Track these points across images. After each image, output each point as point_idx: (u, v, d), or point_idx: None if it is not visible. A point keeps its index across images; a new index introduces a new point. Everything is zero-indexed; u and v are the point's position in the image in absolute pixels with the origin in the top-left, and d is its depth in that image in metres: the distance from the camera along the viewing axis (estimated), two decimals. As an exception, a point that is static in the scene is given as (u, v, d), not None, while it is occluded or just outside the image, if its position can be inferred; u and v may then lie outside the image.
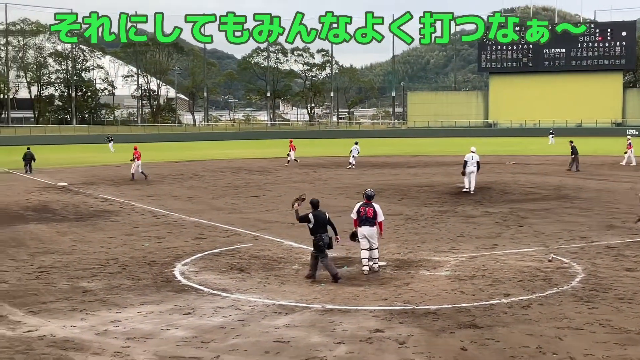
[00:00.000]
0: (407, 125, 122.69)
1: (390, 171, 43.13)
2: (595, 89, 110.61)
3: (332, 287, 14.09)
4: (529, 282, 14.30)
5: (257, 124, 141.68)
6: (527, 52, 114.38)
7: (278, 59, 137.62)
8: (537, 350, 10.09)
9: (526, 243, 18.83)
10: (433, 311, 12.20)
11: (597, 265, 15.77)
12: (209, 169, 45.83)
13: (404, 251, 17.79)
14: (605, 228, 21.14)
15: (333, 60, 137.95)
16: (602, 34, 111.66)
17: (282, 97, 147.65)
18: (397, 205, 26.83)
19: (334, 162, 50.95)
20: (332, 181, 37.13)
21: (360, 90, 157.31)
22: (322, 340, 10.67)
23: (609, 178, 36.81)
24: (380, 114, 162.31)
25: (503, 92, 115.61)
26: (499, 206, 26.53)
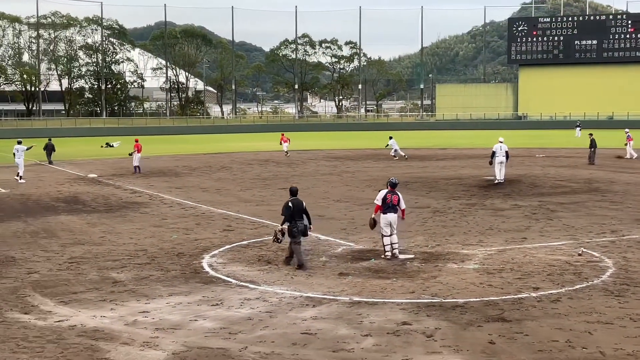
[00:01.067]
0: (435, 117, 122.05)
1: (418, 164, 42.96)
2: (627, 81, 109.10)
3: (359, 279, 14.08)
4: (559, 275, 14.17)
5: (284, 116, 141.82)
6: (558, 43, 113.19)
7: (306, 52, 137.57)
8: (566, 344, 10.00)
9: (556, 237, 18.66)
10: (461, 304, 12.14)
11: (628, 260, 15.59)
12: (237, 161, 46.00)
13: (431, 244, 17.73)
14: (636, 222, 20.88)
15: (361, 53, 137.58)
16: (634, 25, 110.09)
17: (309, 89, 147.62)
18: (425, 198, 26.72)
19: (362, 155, 50.86)
20: (359, 174, 37.07)
21: (389, 82, 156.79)
22: (350, 332, 10.67)
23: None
24: (409, 107, 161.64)
25: (533, 84, 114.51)
26: (528, 199, 26.32)
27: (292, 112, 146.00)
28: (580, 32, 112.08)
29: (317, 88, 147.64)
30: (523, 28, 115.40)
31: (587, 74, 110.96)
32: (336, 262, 15.73)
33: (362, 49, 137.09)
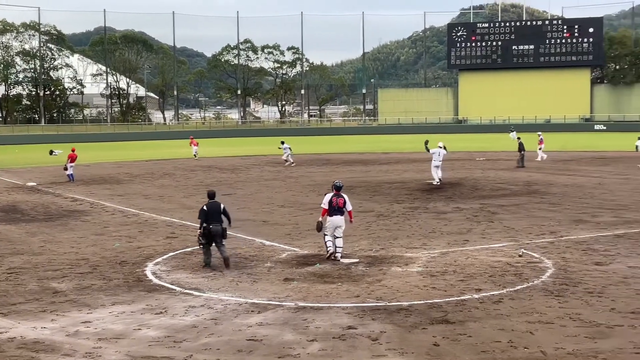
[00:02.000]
0: (378, 122, 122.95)
1: (361, 168, 43.23)
2: (564, 85, 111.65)
3: (304, 284, 14.09)
4: (500, 277, 14.41)
5: (227, 122, 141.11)
6: (496, 48, 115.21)
7: (248, 57, 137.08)
8: (508, 344, 10.17)
9: (497, 238, 18.98)
10: (405, 307, 12.25)
11: (567, 260, 15.95)
12: (180, 168, 45.58)
13: (376, 248, 17.84)
14: (574, 223, 21.37)
15: (303, 58, 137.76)
16: (569, 31, 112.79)
17: (252, 95, 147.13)
18: (368, 202, 26.90)
19: (306, 160, 50.92)
20: (303, 179, 37.11)
21: (331, 87, 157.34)
22: (295, 337, 10.67)
23: (577, 173, 37.22)
24: (351, 111, 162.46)
25: (473, 88, 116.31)
26: (469, 202, 26.71)
27: (235, 117, 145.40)
28: (518, 37, 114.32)
29: (259, 93, 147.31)
30: (462, 33, 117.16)
31: (525, 78, 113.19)
32: (281, 268, 15.71)
33: (305, 54, 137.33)
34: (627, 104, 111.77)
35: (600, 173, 36.94)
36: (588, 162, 44.51)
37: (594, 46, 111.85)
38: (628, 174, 36.04)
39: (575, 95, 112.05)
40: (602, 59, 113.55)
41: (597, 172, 37.33)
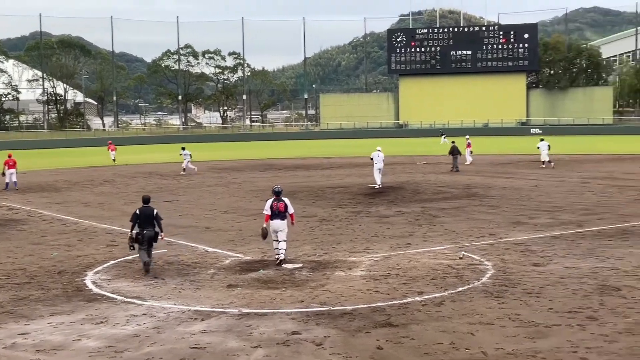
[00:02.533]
0: (320, 127, 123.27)
1: (304, 173, 43.29)
2: (501, 90, 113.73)
3: (248, 290, 14.04)
4: (442, 279, 14.60)
5: (168, 127, 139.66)
6: (435, 54, 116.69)
7: (189, 62, 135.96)
8: (450, 346, 10.31)
9: (438, 241, 19.22)
10: (349, 311, 12.31)
11: (506, 261, 16.25)
12: (120, 175, 44.93)
13: (319, 253, 17.89)
14: (512, 225, 21.79)
15: (245, 63, 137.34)
16: (505, 36, 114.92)
17: (194, 100, 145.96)
18: (311, 207, 26.95)
19: (249, 165, 50.76)
20: (246, 184, 36.98)
21: (273, 92, 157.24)
22: (239, 344, 10.62)
23: (514, 176, 37.95)
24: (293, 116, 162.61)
25: (413, 93, 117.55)
26: (411, 206, 26.99)
27: (176, 123, 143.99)
28: (456, 42, 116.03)
29: (201, 99, 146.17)
30: (402, 39, 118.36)
31: (463, 83, 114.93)
32: (224, 274, 15.62)
33: (246, 59, 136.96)
34: (562, 108, 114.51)
35: (536, 176, 37.74)
36: (525, 165, 45.42)
37: (529, 51, 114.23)
38: (563, 177, 36.92)
39: (511, 99, 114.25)
40: (537, 64, 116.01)
41: (534, 175, 38.13)
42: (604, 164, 44.20)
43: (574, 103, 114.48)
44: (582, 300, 12.78)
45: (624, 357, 9.72)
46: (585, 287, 13.68)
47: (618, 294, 13.18)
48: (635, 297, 12.92)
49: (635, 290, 13.37)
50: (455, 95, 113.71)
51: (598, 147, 63.27)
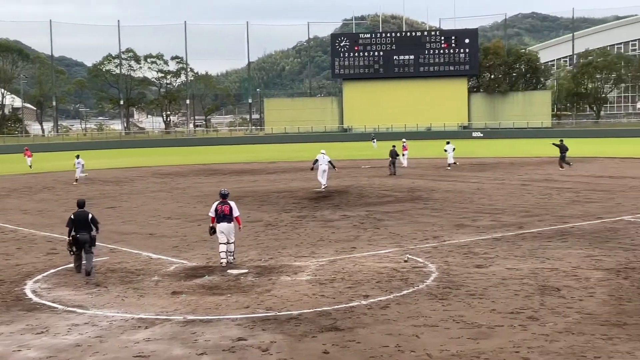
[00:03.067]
0: (264, 131, 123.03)
1: (249, 178, 43.14)
2: (443, 94, 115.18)
3: (193, 297, 13.92)
4: (387, 282, 14.71)
5: (110, 133, 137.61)
6: (378, 58, 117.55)
7: (131, 67, 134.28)
8: (396, 349, 10.39)
9: (383, 245, 19.36)
10: (295, 316, 12.31)
11: (450, 264, 16.46)
12: (60, 181, 44.06)
13: (265, 258, 17.84)
14: (455, 227, 22.08)
15: (188, 67, 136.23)
16: (447, 41, 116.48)
17: (136, 105, 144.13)
18: (256, 212, 26.87)
19: (193, 170, 50.35)
20: (191, 190, 36.67)
21: (217, 97, 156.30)
22: (184, 352, 10.52)
23: (457, 179, 38.46)
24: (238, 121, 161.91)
25: (356, 97, 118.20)
26: (356, 210, 27.13)
27: (118, 128, 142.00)
28: (399, 47, 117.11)
29: (143, 104, 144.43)
30: (345, 43, 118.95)
31: (406, 87, 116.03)
32: (169, 281, 15.46)
33: (189, 63, 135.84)
34: (502, 111, 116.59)
35: (478, 179, 38.32)
36: (467, 168, 46.08)
37: (470, 56, 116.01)
38: (504, 179, 37.57)
39: (453, 103, 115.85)
40: (478, 68, 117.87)
41: (476, 178, 38.71)
42: (542, 167, 45.12)
43: (514, 107, 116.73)
44: (524, 300, 13.02)
45: (565, 356, 9.93)
46: (526, 288, 13.94)
47: (558, 294, 13.47)
48: (574, 296, 13.22)
49: (574, 290, 13.68)
50: (399, 100, 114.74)
51: (537, 150, 64.58)
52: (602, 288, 13.82)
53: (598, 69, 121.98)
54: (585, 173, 39.83)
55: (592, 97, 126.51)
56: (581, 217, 23.44)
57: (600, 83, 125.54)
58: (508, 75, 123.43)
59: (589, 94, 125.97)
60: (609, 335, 10.79)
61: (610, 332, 10.99)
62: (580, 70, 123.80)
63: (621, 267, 15.69)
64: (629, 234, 20.00)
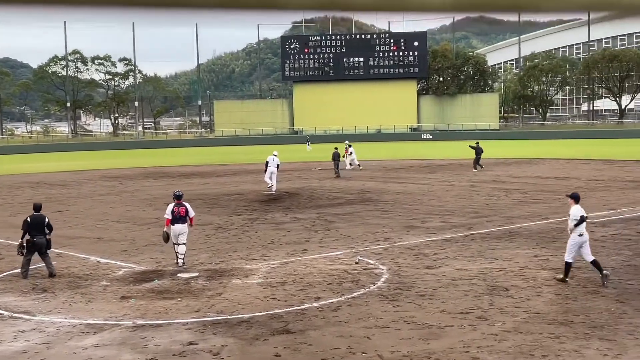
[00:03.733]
0: (214, 134, 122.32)
1: (199, 181, 42.81)
2: (393, 96, 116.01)
3: (143, 301, 13.76)
4: (338, 284, 14.75)
5: (57, 135, 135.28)
6: (328, 60, 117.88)
7: (78, 68, 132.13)
8: (347, 350, 10.42)
9: (334, 247, 19.41)
10: (246, 319, 12.26)
11: (400, 265, 16.57)
12: (5, 185, 43.13)
13: (215, 261, 17.74)
14: (405, 229, 22.26)
15: (136, 69, 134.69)
16: (396, 44, 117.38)
17: (83, 107, 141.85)
18: (207, 215, 26.69)
19: (142, 173, 49.77)
20: (139, 193, 36.25)
21: (166, 99, 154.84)
22: (134, 357, 10.40)
23: (407, 181, 38.77)
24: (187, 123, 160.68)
25: (307, 100, 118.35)
26: (307, 212, 27.15)
27: (65, 131, 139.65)
28: (348, 50, 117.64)
29: (91, 106, 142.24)
30: (295, 46, 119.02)
31: (356, 89, 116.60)
32: (118, 286, 15.26)
33: (137, 65, 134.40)
34: (451, 114, 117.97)
35: (428, 180, 38.68)
36: (417, 169, 46.49)
37: (419, 59, 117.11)
38: (453, 181, 38.00)
39: (403, 106, 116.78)
40: (427, 71, 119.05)
41: (426, 180, 39.06)
42: (490, 168, 45.75)
43: (462, 109, 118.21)
44: (473, 300, 13.18)
45: (513, 355, 10.08)
46: (475, 288, 14.12)
47: (506, 293, 13.67)
48: (522, 296, 13.44)
49: (522, 290, 13.90)
50: (349, 102, 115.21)
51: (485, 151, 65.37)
52: (549, 287, 14.07)
53: (544, 71, 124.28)
54: (532, 174, 40.53)
55: (538, 99, 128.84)
56: (528, 218, 23.84)
57: (546, 85, 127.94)
58: (456, 77, 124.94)
59: (535, 96, 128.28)
60: (556, 334, 10.99)
61: (557, 330, 11.20)
62: (526, 73, 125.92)
63: (567, 266, 15.99)
64: (574, 234, 20.39)
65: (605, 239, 19.40)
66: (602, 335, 10.88)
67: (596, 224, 22.16)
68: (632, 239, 19.42)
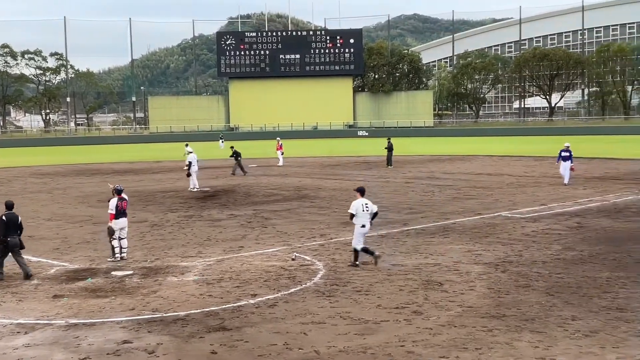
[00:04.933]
0: (149, 130, 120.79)
1: (133, 177, 42.20)
2: (329, 93, 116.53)
3: (75, 300, 13.51)
4: (275, 281, 14.74)
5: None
6: (265, 57, 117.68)
7: (7, 63, 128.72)
8: (284, 347, 10.44)
9: (271, 243, 19.39)
10: (182, 317, 12.16)
11: (337, 261, 16.67)
12: None
13: (150, 258, 17.54)
14: (342, 225, 22.36)
15: (68, 64, 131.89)
16: (332, 41, 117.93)
17: (12, 103, 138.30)
18: (141, 212, 26.33)
19: (74, 170, 48.82)
20: (72, 190, 35.54)
21: (99, 95, 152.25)
22: (66, 357, 10.20)
23: (343, 177, 38.97)
24: (121, 120, 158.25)
25: (243, 96, 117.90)
26: (243, 209, 27.05)
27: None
28: (285, 46, 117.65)
29: (21, 101, 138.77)
30: (231, 42, 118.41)
31: (292, 86, 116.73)
32: (49, 284, 14.94)
33: (69, 60, 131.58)
34: (386, 111, 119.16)
35: (364, 177, 38.96)
36: (353, 166, 46.79)
37: (355, 56, 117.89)
38: (389, 177, 38.38)
39: (339, 103, 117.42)
40: (363, 68, 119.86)
41: (361, 176, 39.34)
42: (425, 165, 46.40)
43: (398, 106, 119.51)
44: (408, 295, 13.35)
45: (447, 349, 10.24)
46: (410, 283, 14.30)
47: (441, 288, 13.88)
48: (456, 290, 13.67)
49: (456, 284, 14.13)
50: (285, 99, 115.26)
51: (420, 148, 66.36)
52: (481, 282, 14.35)
53: (476, 69, 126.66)
54: (465, 171, 41.23)
55: (471, 97, 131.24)
56: (462, 214, 24.25)
57: (479, 83, 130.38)
58: (392, 75, 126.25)
59: (469, 94, 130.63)
60: (488, 327, 11.21)
61: (490, 323, 11.43)
62: (460, 71, 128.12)
63: (499, 261, 16.35)
64: (506, 229, 20.85)
65: (535, 234, 19.87)
66: (533, 328, 11.15)
67: (527, 219, 22.71)
68: (562, 233, 19.94)
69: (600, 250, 17.33)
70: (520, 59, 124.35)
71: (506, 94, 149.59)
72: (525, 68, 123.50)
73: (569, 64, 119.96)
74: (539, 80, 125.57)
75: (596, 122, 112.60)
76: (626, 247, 17.73)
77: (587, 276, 14.63)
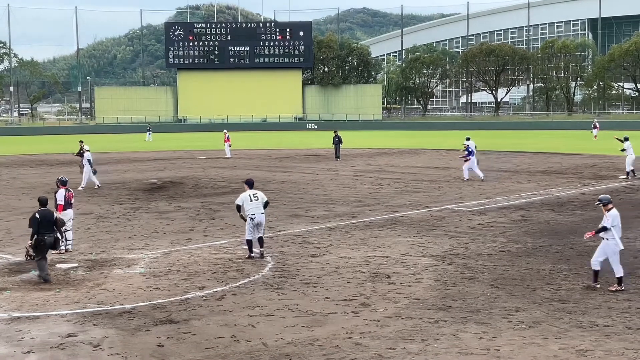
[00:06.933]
0: (95, 121, 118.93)
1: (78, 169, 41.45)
2: (278, 86, 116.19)
3: (18, 293, 13.25)
4: (223, 273, 14.70)
5: None
6: (214, 48, 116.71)
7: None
8: (232, 339, 10.41)
9: (219, 236, 19.31)
10: (128, 310, 12.03)
11: (285, 254, 16.68)
12: None
13: (96, 251, 17.30)
14: (290, 217, 22.39)
15: (11, 53, 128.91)
16: (282, 34, 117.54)
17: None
18: (87, 204, 25.94)
19: (18, 161, 47.81)
20: (15, 181, 34.81)
21: (44, 84, 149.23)
22: (9, 351, 10.02)
23: (292, 170, 38.98)
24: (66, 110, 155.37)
25: (192, 87, 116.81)
26: (191, 201, 26.86)
27: None
28: (234, 38, 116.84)
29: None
30: (180, 33, 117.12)
31: (242, 78, 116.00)
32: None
33: (13, 49, 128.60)
34: (335, 104, 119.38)
35: (313, 170, 39.03)
36: (302, 159, 46.81)
37: (305, 49, 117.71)
38: (337, 170, 38.51)
39: (288, 95, 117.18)
40: (312, 61, 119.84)
41: (310, 169, 39.40)
42: (374, 158, 46.67)
43: (347, 99, 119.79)
44: (356, 288, 13.43)
45: (394, 340, 10.35)
46: (358, 276, 14.39)
47: (388, 280, 14.00)
48: (403, 282, 13.80)
49: (403, 277, 14.27)
50: (234, 90, 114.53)
51: (369, 141, 66.71)
52: (428, 274, 14.52)
53: (425, 64, 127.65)
54: (413, 164, 41.60)
55: (419, 91, 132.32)
56: (409, 207, 24.47)
57: (427, 78, 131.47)
58: (341, 68, 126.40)
59: (417, 88, 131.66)
60: (435, 319, 11.36)
61: (437, 315, 11.58)
62: (408, 65, 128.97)
63: (446, 253, 16.56)
64: (452, 222, 21.12)
65: (481, 227, 20.17)
66: (478, 319, 11.33)
67: (473, 212, 23.03)
68: (507, 226, 20.29)
69: (544, 243, 17.69)
70: (468, 54, 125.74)
71: (454, 89, 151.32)
72: (472, 63, 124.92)
73: (514, 59, 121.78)
74: (486, 76, 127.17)
75: (541, 118, 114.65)
76: (568, 239, 18.13)
77: (531, 268, 14.93)
